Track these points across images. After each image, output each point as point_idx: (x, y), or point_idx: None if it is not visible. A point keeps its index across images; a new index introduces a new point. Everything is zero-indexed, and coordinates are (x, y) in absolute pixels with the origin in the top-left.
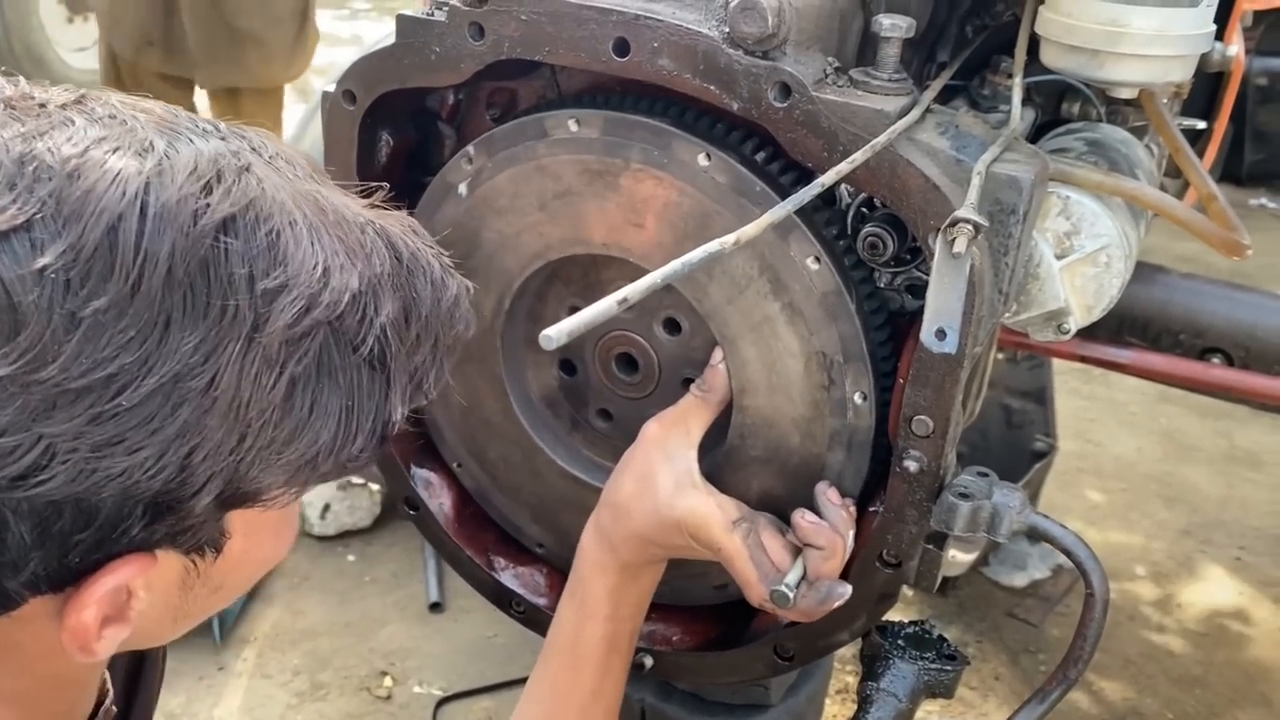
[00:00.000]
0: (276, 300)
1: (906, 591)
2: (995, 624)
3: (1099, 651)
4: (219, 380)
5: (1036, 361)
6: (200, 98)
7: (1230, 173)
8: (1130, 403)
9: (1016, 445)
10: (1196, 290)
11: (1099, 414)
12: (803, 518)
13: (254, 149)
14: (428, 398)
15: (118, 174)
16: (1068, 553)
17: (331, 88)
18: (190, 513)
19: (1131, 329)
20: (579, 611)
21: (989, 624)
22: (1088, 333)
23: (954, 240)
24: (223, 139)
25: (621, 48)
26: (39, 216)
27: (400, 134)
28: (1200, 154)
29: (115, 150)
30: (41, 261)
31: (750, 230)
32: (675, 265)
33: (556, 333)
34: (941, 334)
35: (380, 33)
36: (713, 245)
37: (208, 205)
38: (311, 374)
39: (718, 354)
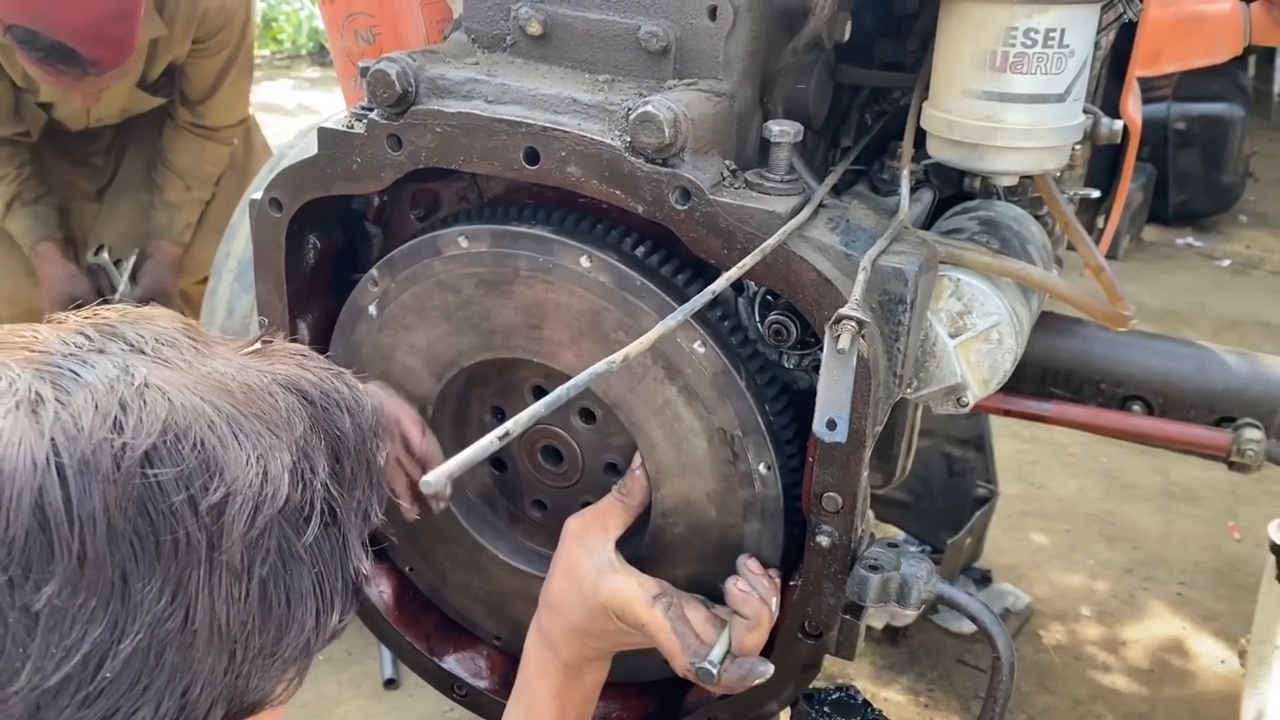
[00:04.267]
0: (224, 513)
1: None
2: (946, 671)
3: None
4: (194, 612)
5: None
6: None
7: (1157, 214)
8: (1070, 444)
9: (959, 493)
10: (1113, 340)
11: (1040, 456)
12: (735, 584)
13: (133, 347)
14: (376, 521)
15: (20, 443)
16: (973, 619)
17: (258, 195)
18: None
19: (1054, 381)
20: (526, 714)
21: (940, 672)
22: (1012, 386)
23: (839, 336)
24: (100, 352)
25: (532, 156)
26: None
27: (328, 236)
28: (1107, 214)
29: (6, 415)
30: None
31: (636, 347)
32: (561, 391)
33: (435, 478)
34: (832, 424)
35: (330, 105)
36: (600, 366)
37: (125, 445)
38: (278, 566)
39: (636, 459)
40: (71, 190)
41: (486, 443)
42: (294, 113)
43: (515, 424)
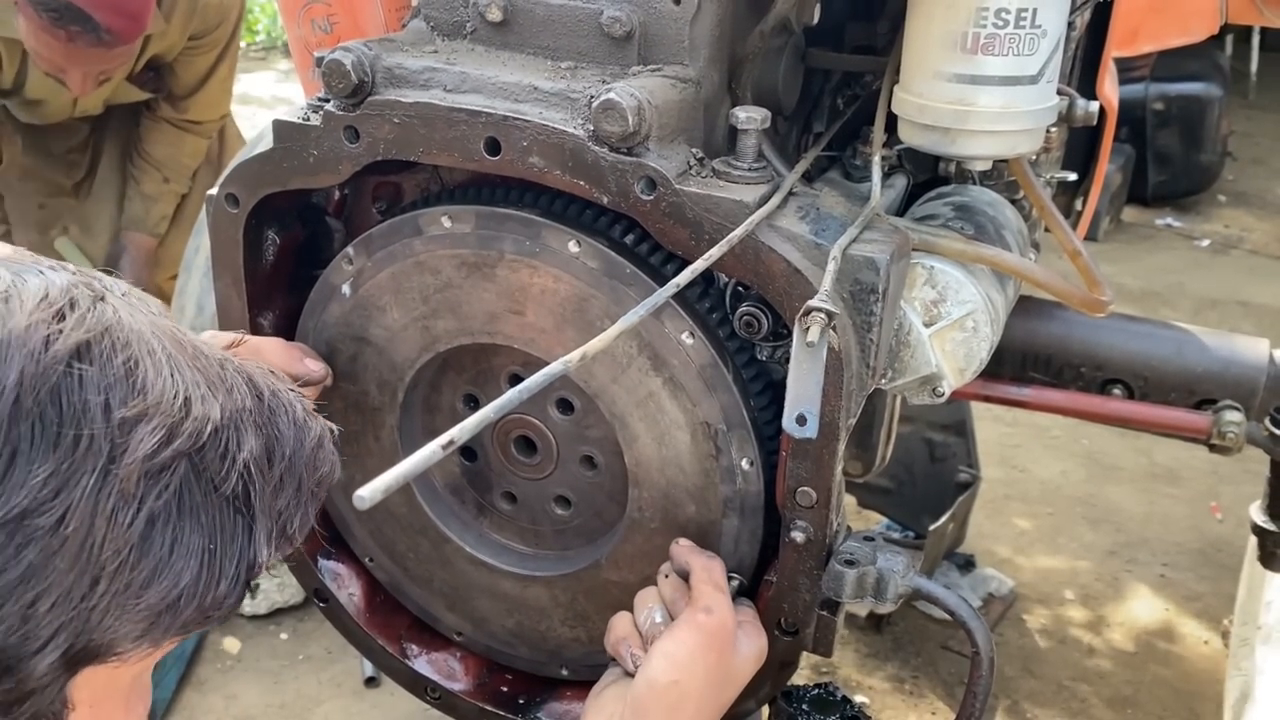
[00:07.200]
0: (135, 430)
1: (844, 631)
2: (930, 658)
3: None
4: (70, 517)
5: None
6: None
7: (1136, 195)
8: (1053, 427)
9: (941, 478)
10: (1093, 324)
11: (1023, 440)
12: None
13: (106, 286)
14: (293, 543)
15: None
16: (951, 613)
17: (215, 190)
18: (30, 674)
19: (1035, 365)
20: None
21: (924, 658)
22: (992, 371)
23: (809, 328)
24: (74, 274)
25: (493, 147)
26: None
27: (287, 231)
28: (1085, 197)
29: None
30: None
31: (596, 344)
32: (511, 394)
33: (370, 492)
34: (802, 420)
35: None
36: (555, 366)
37: (60, 331)
38: (172, 510)
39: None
40: (48, 186)
41: (428, 453)
42: (270, 104)
43: (460, 431)
